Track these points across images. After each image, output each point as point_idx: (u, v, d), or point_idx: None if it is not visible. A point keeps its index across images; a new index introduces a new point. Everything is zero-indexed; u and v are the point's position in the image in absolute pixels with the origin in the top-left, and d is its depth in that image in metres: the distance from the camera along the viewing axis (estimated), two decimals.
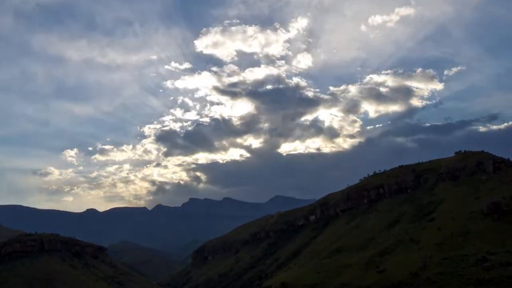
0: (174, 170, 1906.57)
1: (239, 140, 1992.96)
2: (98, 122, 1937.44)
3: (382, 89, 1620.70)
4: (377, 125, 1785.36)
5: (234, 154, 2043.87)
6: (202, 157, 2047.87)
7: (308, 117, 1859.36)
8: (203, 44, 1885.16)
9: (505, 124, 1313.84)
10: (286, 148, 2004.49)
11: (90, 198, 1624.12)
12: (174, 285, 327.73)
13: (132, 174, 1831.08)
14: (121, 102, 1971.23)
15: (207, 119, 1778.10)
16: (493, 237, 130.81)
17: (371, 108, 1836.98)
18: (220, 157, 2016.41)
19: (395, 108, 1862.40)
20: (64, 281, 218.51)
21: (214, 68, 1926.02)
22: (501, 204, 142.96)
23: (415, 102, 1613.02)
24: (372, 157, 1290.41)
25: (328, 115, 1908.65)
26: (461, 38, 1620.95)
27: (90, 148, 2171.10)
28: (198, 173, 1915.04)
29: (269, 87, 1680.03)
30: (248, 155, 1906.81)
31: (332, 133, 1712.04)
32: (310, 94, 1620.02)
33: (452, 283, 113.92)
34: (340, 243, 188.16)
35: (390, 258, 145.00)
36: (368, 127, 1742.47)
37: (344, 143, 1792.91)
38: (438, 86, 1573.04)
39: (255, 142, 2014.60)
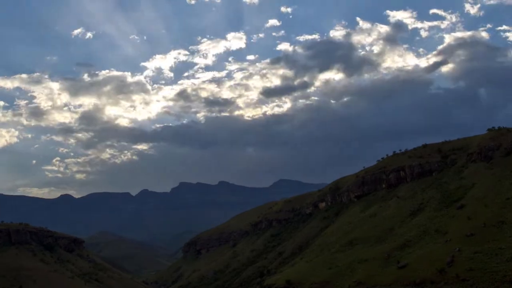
0: None
1: None
2: None
3: None
4: None
5: None
6: None
7: None
8: None
9: None
10: None
11: None
12: (162, 283, 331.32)
13: None
14: None
15: None
16: None
17: None
18: None
19: None
20: (35, 279, 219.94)
21: None
22: None
23: None
24: None
25: None
26: None
27: None
28: None
29: None
30: None
31: None
32: None
33: (484, 280, 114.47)
34: (354, 235, 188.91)
35: (413, 252, 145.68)
36: None
37: None
38: None
39: None
